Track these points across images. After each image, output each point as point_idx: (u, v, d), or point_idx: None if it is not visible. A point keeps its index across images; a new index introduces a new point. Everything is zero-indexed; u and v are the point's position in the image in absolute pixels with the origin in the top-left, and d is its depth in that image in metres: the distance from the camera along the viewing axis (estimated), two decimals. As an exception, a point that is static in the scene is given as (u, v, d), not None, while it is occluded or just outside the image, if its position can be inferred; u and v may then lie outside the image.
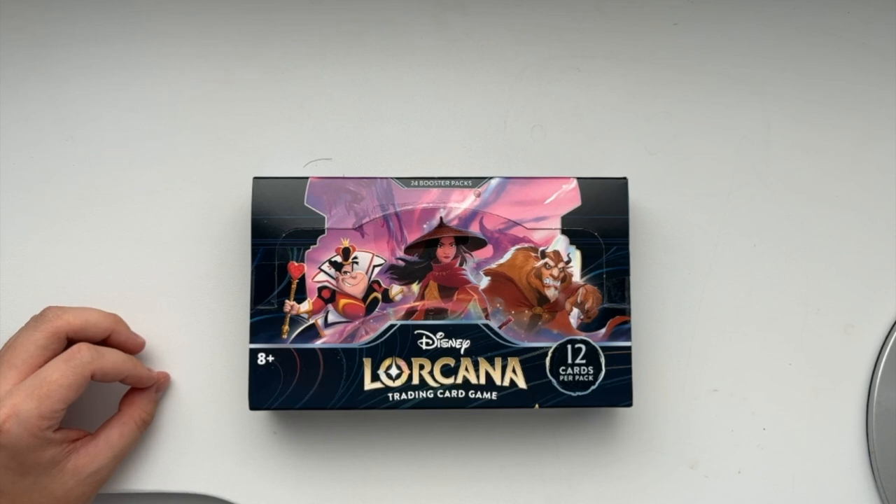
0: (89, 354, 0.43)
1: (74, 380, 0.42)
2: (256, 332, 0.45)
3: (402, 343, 0.45)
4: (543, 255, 0.46)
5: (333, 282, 0.46)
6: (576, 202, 0.46)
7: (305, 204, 0.46)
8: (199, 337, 0.49)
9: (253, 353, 0.45)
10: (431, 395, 0.45)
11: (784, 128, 0.51)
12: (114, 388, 0.47)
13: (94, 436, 0.45)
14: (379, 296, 0.46)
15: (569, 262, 0.46)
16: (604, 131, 0.50)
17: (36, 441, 0.41)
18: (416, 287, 0.46)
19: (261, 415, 0.48)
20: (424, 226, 0.46)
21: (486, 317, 0.46)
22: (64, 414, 0.42)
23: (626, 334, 0.46)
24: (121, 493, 0.48)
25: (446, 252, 0.46)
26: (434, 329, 0.45)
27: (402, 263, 0.46)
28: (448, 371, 0.45)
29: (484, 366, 0.45)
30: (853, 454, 0.49)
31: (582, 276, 0.46)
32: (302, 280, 0.46)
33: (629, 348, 0.46)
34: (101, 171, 0.49)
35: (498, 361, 0.45)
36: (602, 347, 0.45)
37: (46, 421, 0.41)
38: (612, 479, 0.49)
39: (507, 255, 0.46)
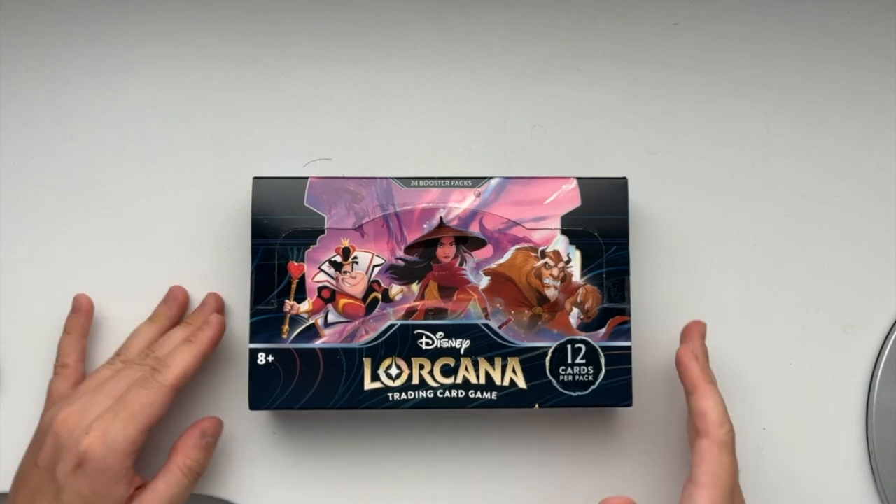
0: (161, 372, 0.43)
1: (157, 398, 0.43)
2: (256, 332, 0.45)
3: (402, 343, 0.45)
4: (543, 255, 0.46)
5: (333, 282, 0.46)
6: (576, 202, 0.46)
7: (305, 204, 0.46)
8: (199, 337, 0.49)
9: (253, 353, 0.45)
10: (431, 395, 0.45)
11: (784, 128, 0.51)
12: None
13: (146, 486, 0.44)
14: (379, 296, 0.46)
15: (569, 261, 0.46)
16: (604, 131, 0.50)
17: (117, 469, 0.41)
18: (415, 287, 0.46)
19: (261, 415, 0.48)
20: (424, 226, 0.46)
21: (486, 317, 0.46)
22: (144, 441, 0.43)
23: (626, 334, 0.46)
24: (121, 493, 0.48)
25: (446, 252, 0.46)
26: (434, 329, 0.45)
27: (402, 263, 0.46)
28: (448, 371, 0.45)
29: (484, 366, 0.45)
30: (853, 454, 0.49)
31: (582, 275, 0.46)
32: (302, 280, 0.46)
33: (629, 348, 0.46)
34: (101, 171, 0.49)
35: (498, 361, 0.45)
36: (602, 347, 0.45)
37: (132, 444, 0.42)
38: (612, 479, 0.49)
39: (507, 255, 0.46)
